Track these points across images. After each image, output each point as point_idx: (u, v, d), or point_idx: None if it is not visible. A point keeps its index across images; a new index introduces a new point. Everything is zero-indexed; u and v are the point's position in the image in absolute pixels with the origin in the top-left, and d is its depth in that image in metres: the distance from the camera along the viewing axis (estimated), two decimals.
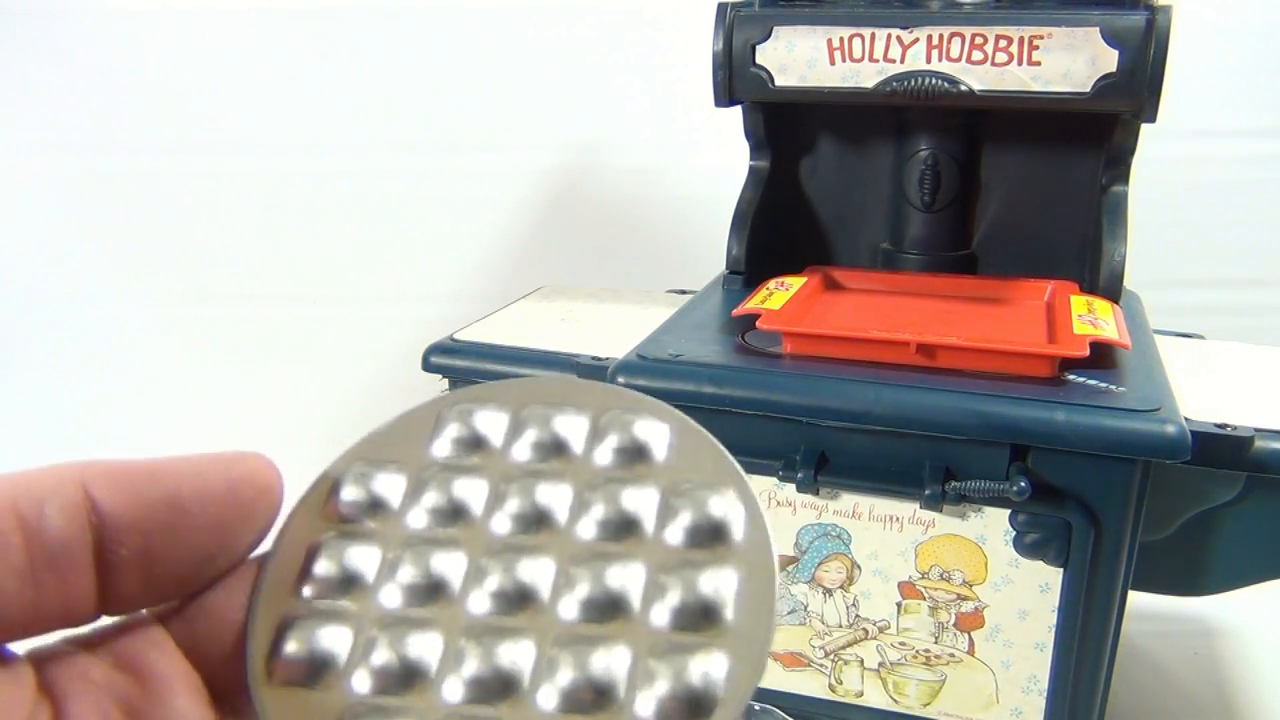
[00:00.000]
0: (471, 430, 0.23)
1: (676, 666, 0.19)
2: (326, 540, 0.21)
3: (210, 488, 0.20)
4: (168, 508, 0.19)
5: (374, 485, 0.22)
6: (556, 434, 0.23)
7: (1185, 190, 1.02)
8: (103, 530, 0.18)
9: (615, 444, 0.23)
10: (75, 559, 0.18)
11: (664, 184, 1.09)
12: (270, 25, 1.08)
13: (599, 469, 0.22)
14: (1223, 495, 0.56)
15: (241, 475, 0.20)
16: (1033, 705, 0.58)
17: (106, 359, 1.15)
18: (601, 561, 0.21)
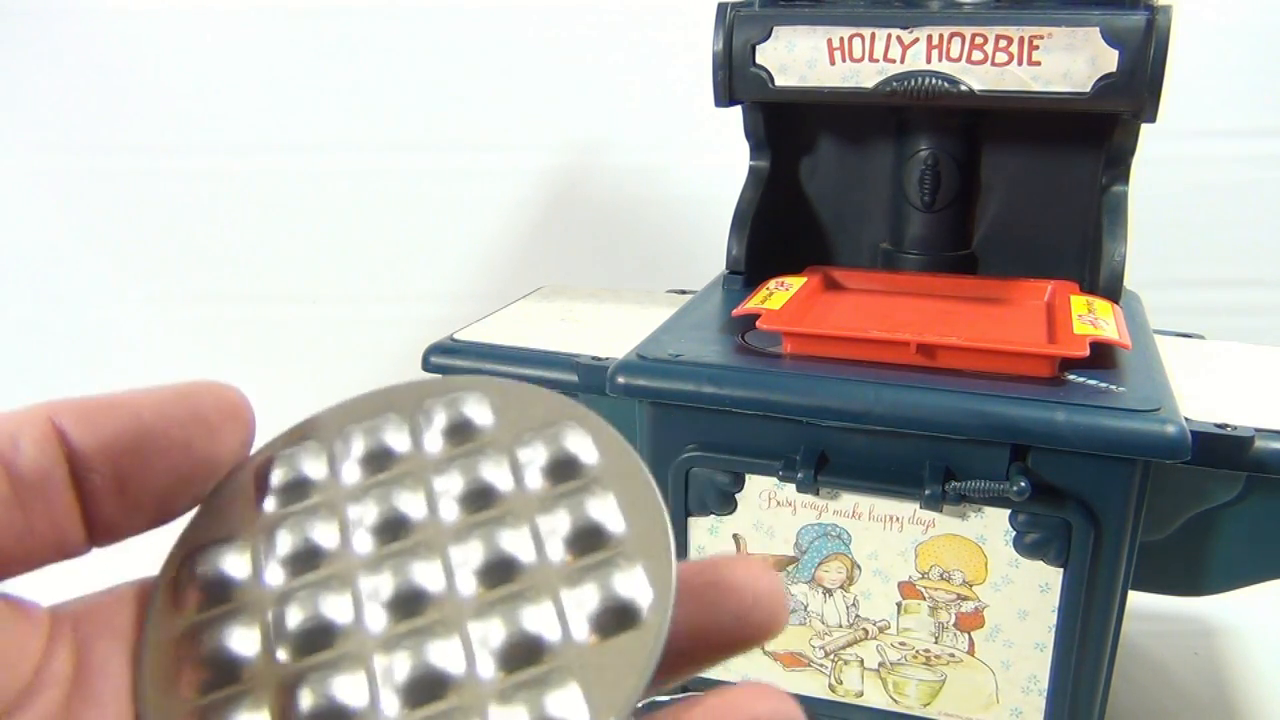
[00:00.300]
0: (295, 473, 0.22)
1: (597, 584, 0.19)
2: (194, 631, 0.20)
3: (173, 412, 0.20)
4: (132, 434, 0.20)
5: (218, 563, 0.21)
6: (382, 443, 0.23)
7: (1185, 190, 1.02)
8: (74, 459, 0.19)
9: (443, 426, 0.22)
10: (54, 487, 0.19)
11: (664, 184, 1.09)
12: (270, 25, 1.08)
13: (438, 454, 0.22)
14: (1223, 495, 0.56)
15: (205, 400, 0.21)
16: (1033, 705, 0.58)
17: (106, 359, 1.15)
18: (482, 529, 0.20)
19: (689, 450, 0.59)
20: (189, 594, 0.21)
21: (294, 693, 0.19)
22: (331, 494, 0.22)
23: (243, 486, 0.22)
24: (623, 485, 0.21)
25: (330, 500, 0.22)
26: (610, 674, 0.19)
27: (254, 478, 0.22)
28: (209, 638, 0.20)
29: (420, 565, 0.20)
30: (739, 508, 0.60)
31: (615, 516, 0.20)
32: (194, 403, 0.21)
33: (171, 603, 0.21)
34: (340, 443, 0.23)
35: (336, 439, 0.23)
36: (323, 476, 0.22)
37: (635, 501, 0.20)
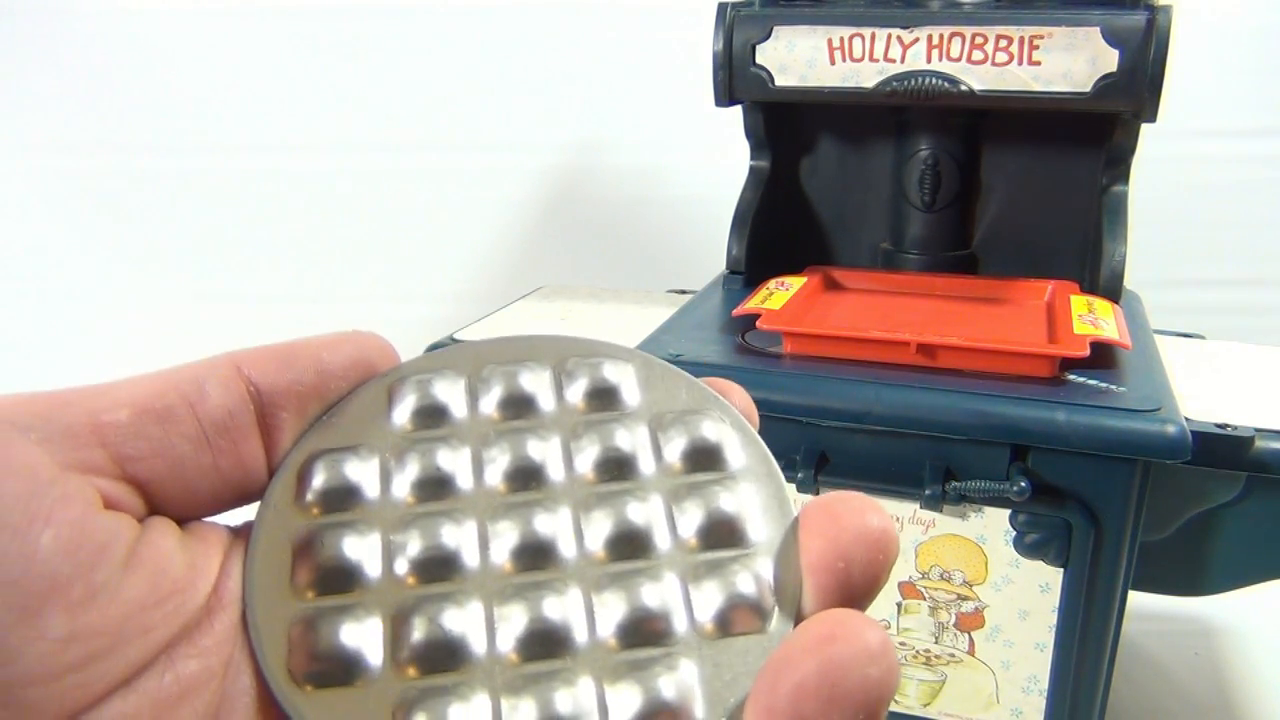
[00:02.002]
0: (431, 399, 0.22)
1: (724, 580, 0.19)
2: (315, 534, 0.20)
3: (346, 352, 0.22)
4: (315, 373, 0.22)
5: (345, 471, 0.21)
6: (522, 389, 0.22)
7: (1185, 190, 1.02)
8: (261, 400, 0.21)
9: (586, 389, 0.22)
10: (242, 426, 0.21)
11: (664, 184, 1.09)
12: (270, 25, 1.08)
13: (578, 415, 0.22)
14: (1223, 495, 0.56)
15: (367, 342, 0.23)
16: (1033, 705, 0.58)
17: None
18: (615, 500, 0.20)
19: None
20: (311, 496, 0.21)
21: (409, 617, 0.19)
22: (467, 428, 0.22)
23: (373, 401, 0.22)
24: (760, 486, 0.21)
25: (465, 433, 0.21)
26: (727, 672, 0.18)
27: (387, 395, 0.22)
28: (329, 542, 0.20)
29: (550, 519, 0.20)
30: None
31: (752, 516, 0.20)
32: (361, 344, 0.23)
33: (291, 502, 0.20)
34: (479, 379, 0.22)
35: (476, 375, 0.23)
36: (460, 408, 0.22)
37: (770, 505, 0.20)
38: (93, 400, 0.19)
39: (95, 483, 0.19)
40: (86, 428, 0.19)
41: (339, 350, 0.22)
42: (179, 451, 0.20)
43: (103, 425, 0.19)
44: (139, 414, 0.19)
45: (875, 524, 0.20)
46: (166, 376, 0.20)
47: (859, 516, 0.20)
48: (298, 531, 0.20)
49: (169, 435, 0.20)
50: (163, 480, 0.20)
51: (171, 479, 0.20)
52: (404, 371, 0.23)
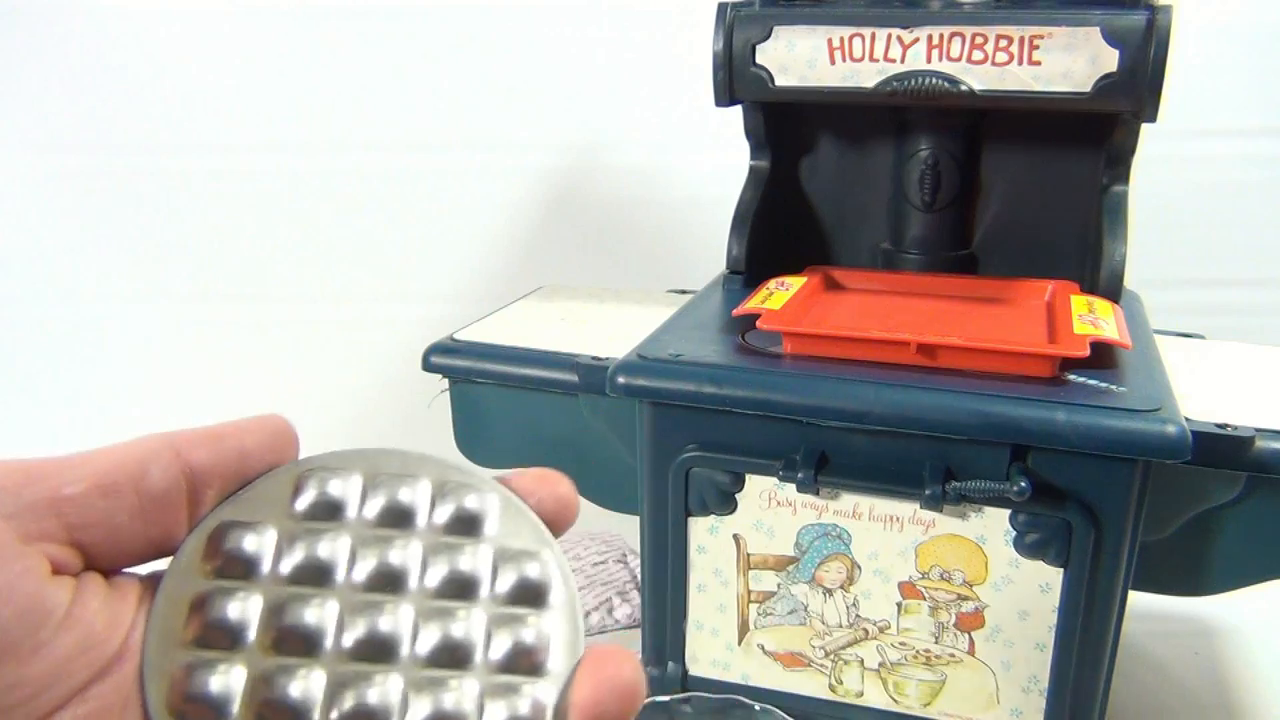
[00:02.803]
0: (326, 496, 0.26)
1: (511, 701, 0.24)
2: (208, 595, 0.25)
3: (262, 439, 0.27)
4: (238, 456, 0.26)
5: (245, 544, 0.25)
6: (400, 503, 0.27)
7: (1185, 190, 1.02)
8: (193, 479, 0.25)
9: (451, 514, 0.27)
10: (174, 502, 0.25)
11: (664, 184, 1.09)
12: (270, 25, 1.08)
13: (439, 535, 0.26)
14: (1223, 495, 0.56)
15: (277, 429, 0.27)
16: (1033, 705, 0.58)
17: (107, 358, 1.15)
18: (447, 617, 0.25)
19: (689, 450, 0.59)
20: (214, 560, 0.25)
21: (267, 679, 0.24)
22: (350, 527, 0.26)
23: (280, 486, 0.26)
24: (564, 627, 0.25)
25: (347, 531, 0.26)
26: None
27: (294, 483, 0.26)
28: (218, 604, 0.24)
29: (393, 621, 0.25)
30: (739, 508, 0.60)
31: (550, 650, 0.25)
32: (274, 430, 0.27)
33: (197, 562, 0.25)
34: (370, 485, 0.27)
35: (369, 480, 0.27)
36: (349, 508, 0.27)
37: (567, 643, 0.25)
38: (55, 476, 0.24)
39: (47, 549, 0.23)
40: (46, 502, 0.23)
41: (258, 436, 0.27)
42: (118, 521, 0.24)
43: (60, 499, 0.23)
44: (90, 489, 0.24)
45: (628, 677, 0.24)
46: (117, 455, 0.24)
47: (617, 670, 0.25)
48: (196, 590, 0.24)
49: (112, 508, 0.24)
50: (101, 543, 0.24)
51: (108, 542, 0.24)
52: (311, 465, 0.27)
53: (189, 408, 1.14)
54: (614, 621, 0.81)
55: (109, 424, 1.11)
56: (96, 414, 1.13)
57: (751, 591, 0.62)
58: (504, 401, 0.68)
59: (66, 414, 1.14)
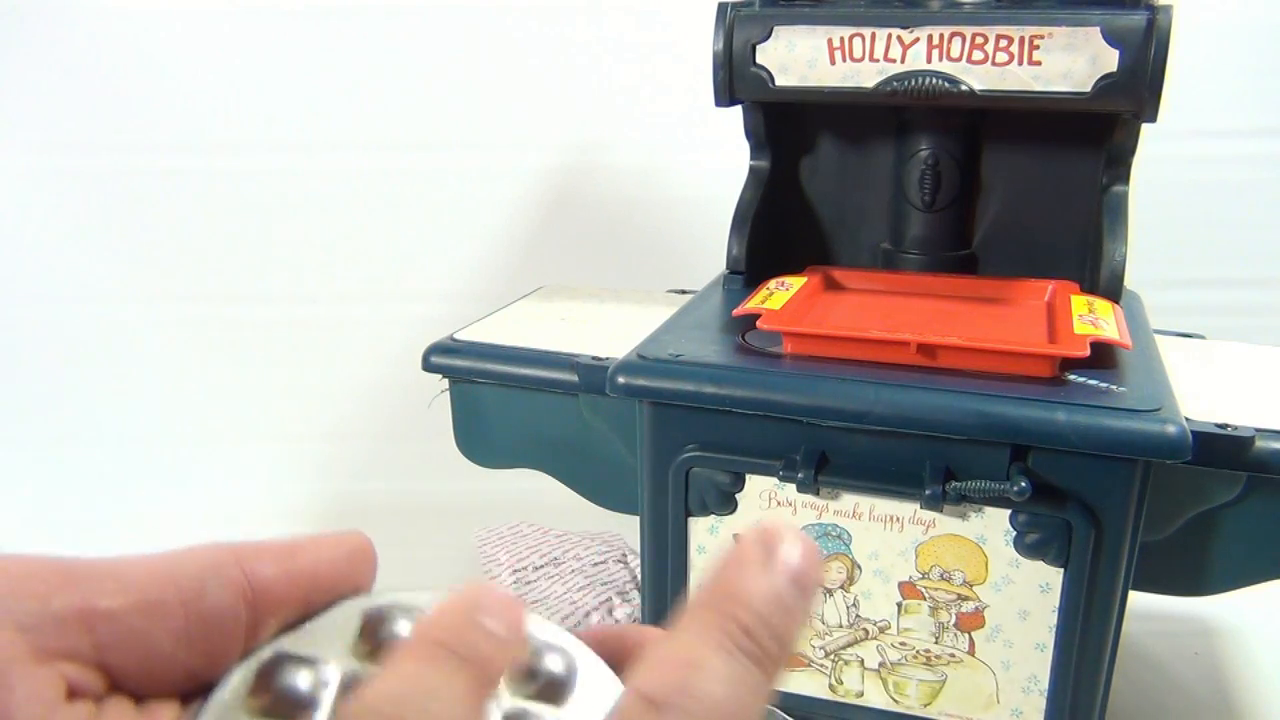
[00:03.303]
0: (398, 637, 0.23)
1: None
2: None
3: (338, 561, 0.23)
4: (310, 580, 0.22)
5: (300, 684, 0.22)
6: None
7: (1185, 190, 1.02)
8: (255, 604, 0.21)
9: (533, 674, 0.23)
10: (230, 631, 0.21)
11: (664, 184, 1.09)
12: (270, 25, 1.08)
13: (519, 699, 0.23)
14: (1223, 495, 0.56)
15: (356, 549, 0.23)
16: (1033, 705, 0.58)
17: (107, 359, 1.15)
18: None
19: (689, 450, 0.59)
20: (264, 698, 0.22)
21: None
22: None
23: (346, 622, 0.23)
24: None
25: None
26: None
27: (360, 620, 0.23)
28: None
29: None
30: (739, 508, 0.60)
31: None
32: (351, 550, 0.23)
33: (244, 697, 0.21)
34: None
35: None
36: None
37: None
38: (91, 582, 0.20)
39: (64, 670, 0.19)
40: (76, 613, 0.20)
41: (334, 556, 0.23)
42: (159, 646, 0.20)
43: (94, 613, 0.20)
44: (132, 605, 0.20)
45: None
46: (170, 566, 0.21)
47: None
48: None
49: (155, 630, 0.20)
50: (133, 667, 0.20)
51: (142, 667, 0.20)
52: (387, 601, 0.24)
53: (188, 407, 1.14)
54: (614, 621, 0.81)
55: (109, 424, 1.12)
56: (96, 414, 1.13)
57: None
58: (504, 401, 0.68)
59: (66, 414, 1.14)
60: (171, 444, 1.11)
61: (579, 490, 0.72)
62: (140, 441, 1.12)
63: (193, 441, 1.12)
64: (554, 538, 0.93)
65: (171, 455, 1.10)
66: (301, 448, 1.10)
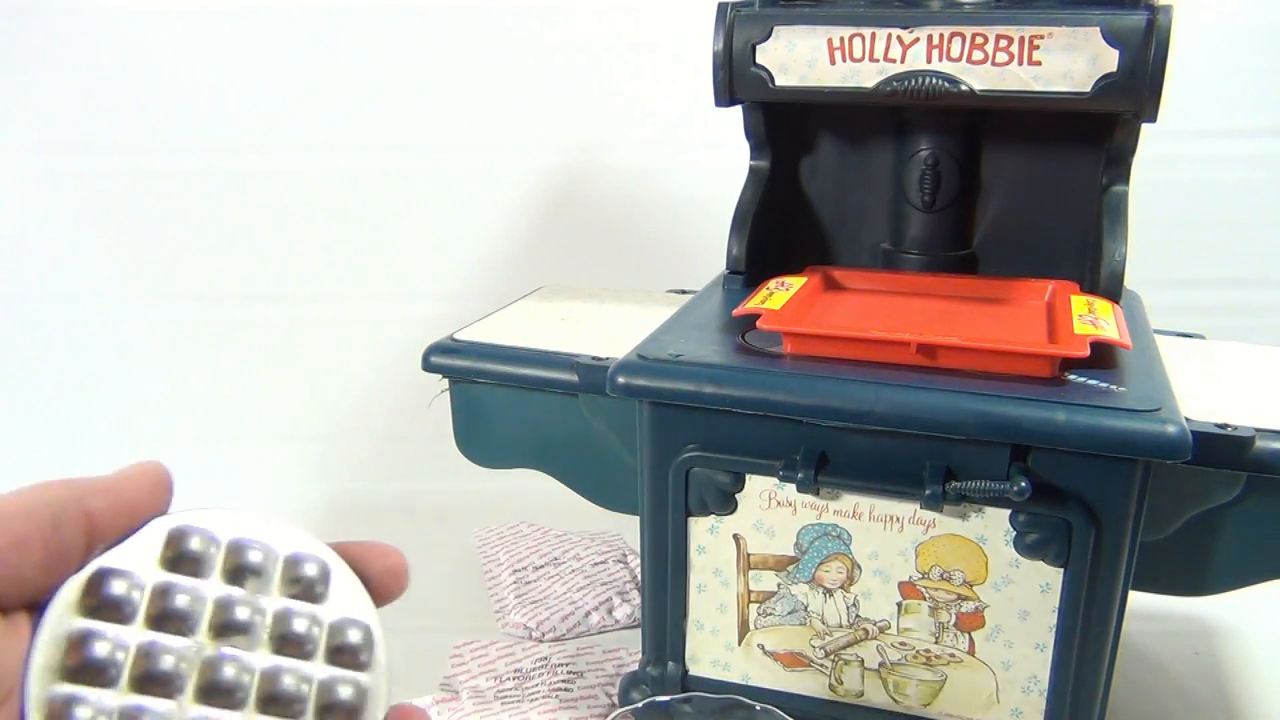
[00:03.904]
0: (193, 551, 0.30)
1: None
2: (85, 635, 0.28)
3: (145, 489, 0.29)
4: (128, 509, 0.29)
5: (116, 590, 0.28)
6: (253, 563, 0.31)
7: (1185, 190, 1.02)
8: (93, 533, 0.28)
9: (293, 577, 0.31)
10: (74, 554, 0.27)
11: (664, 184, 1.09)
12: (270, 25, 1.08)
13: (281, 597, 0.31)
14: (1224, 495, 0.56)
15: (157, 479, 0.30)
16: (1033, 705, 0.58)
17: (106, 358, 1.15)
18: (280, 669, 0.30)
19: (689, 450, 0.59)
20: (91, 602, 0.28)
21: (127, 716, 0.28)
22: (210, 583, 0.30)
23: (155, 539, 0.30)
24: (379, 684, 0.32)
25: (206, 587, 0.30)
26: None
27: (165, 536, 0.30)
28: (94, 643, 0.28)
29: (234, 671, 0.29)
30: (739, 508, 0.60)
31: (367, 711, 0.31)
32: (156, 480, 0.30)
33: (75, 602, 0.28)
34: (231, 546, 0.31)
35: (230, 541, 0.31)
36: (210, 565, 0.30)
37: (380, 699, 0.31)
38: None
39: None
40: None
41: (142, 485, 0.29)
42: (24, 573, 0.26)
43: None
44: (4, 545, 0.25)
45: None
46: (26, 506, 0.26)
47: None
48: (74, 628, 0.27)
49: (22, 562, 0.26)
50: (4, 593, 0.26)
51: (8, 591, 0.26)
52: (185, 521, 0.30)
53: (188, 407, 1.14)
54: (614, 621, 0.81)
55: (109, 424, 1.12)
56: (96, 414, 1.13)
57: (751, 591, 0.62)
58: (504, 401, 0.68)
59: (66, 414, 1.14)
60: (172, 444, 1.11)
61: (579, 490, 0.72)
62: (140, 441, 1.11)
63: (193, 441, 1.11)
64: (554, 538, 0.93)
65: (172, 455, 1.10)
66: (301, 448, 1.10)
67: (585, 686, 0.72)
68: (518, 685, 0.72)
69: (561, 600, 0.82)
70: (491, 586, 0.86)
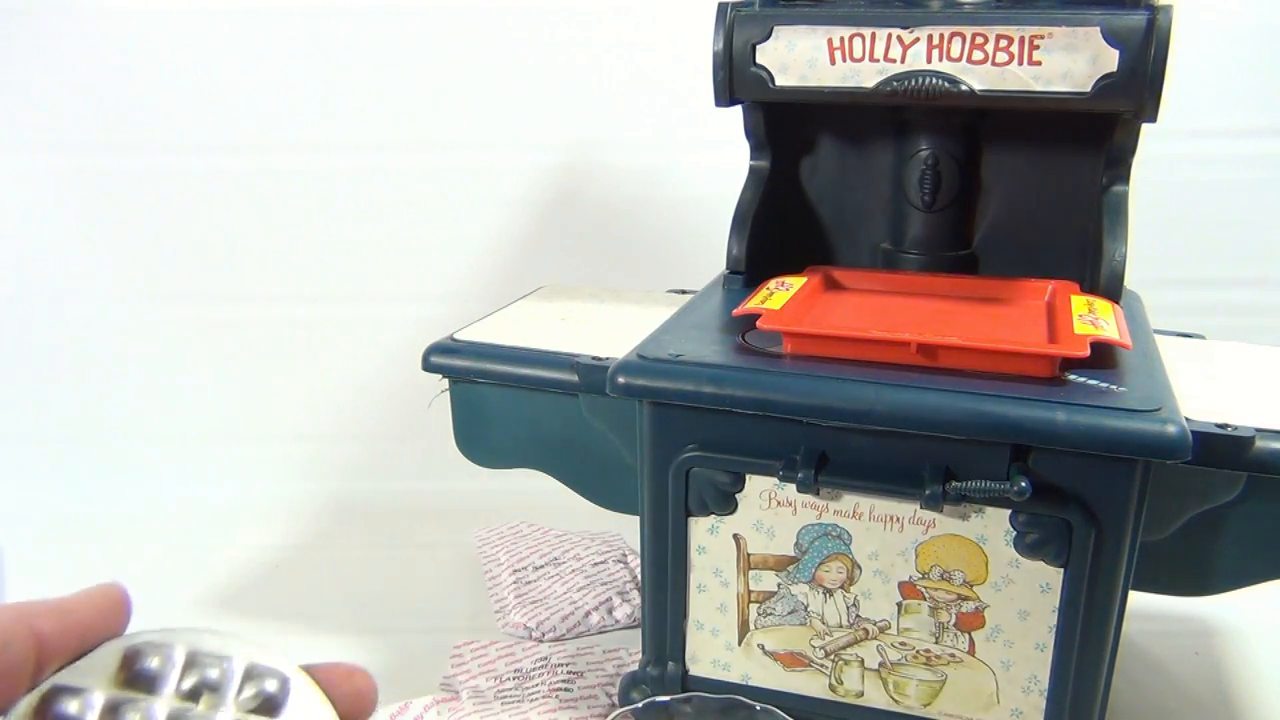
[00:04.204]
0: (148, 669, 0.29)
1: None
2: None
3: (101, 610, 0.29)
4: (80, 631, 0.28)
5: (71, 709, 0.28)
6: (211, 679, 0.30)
7: (1185, 190, 1.02)
8: (42, 654, 0.27)
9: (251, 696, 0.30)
10: (22, 675, 0.27)
11: (664, 184, 1.09)
12: (270, 25, 1.08)
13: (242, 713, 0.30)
14: (1224, 495, 0.56)
15: (114, 601, 0.29)
16: (1033, 705, 0.58)
17: (106, 358, 1.15)
18: None
19: (689, 450, 0.59)
20: (41, 718, 0.27)
21: None
22: (166, 700, 0.29)
23: (110, 657, 0.29)
24: None
25: (163, 704, 0.29)
26: None
27: (120, 655, 0.29)
28: None
29: None
30: (739, 508, 0.60)
31: None
32: (111, 600, 0.29)
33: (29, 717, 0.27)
34: (189, 663, 0.30)
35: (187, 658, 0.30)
36: (167, 682, 0.30)
37: None
38: None
39: None
40: None
41: (98, 606, 0.29)
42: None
43: None
44: None
45: None
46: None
47: None
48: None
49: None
50: None
51: None
52: (140, 640, 0.30)
53: (188, 407, 1.14)
54: (614, 621, 0.81)
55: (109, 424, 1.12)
56: (96, 414, 1.13)
57: (752, 591, 0.62)
58: (504, 401, 0.68)
59: (66, 413, 1.14)
60: (171, 444, 1.11)
61: (579, 490, 0.72)
62: (140, 441, 1.11)
63: (193, 441, 1.11)
64: (554, 538, 0.93)
65: (172, 455, 1.10)
66: (301, 448, 1.10)
67: (585, 686, 0.72)
68: (518, 685, 0.72)
69: (561, 600, 0.82)
70: (491, 586, 0.86)
